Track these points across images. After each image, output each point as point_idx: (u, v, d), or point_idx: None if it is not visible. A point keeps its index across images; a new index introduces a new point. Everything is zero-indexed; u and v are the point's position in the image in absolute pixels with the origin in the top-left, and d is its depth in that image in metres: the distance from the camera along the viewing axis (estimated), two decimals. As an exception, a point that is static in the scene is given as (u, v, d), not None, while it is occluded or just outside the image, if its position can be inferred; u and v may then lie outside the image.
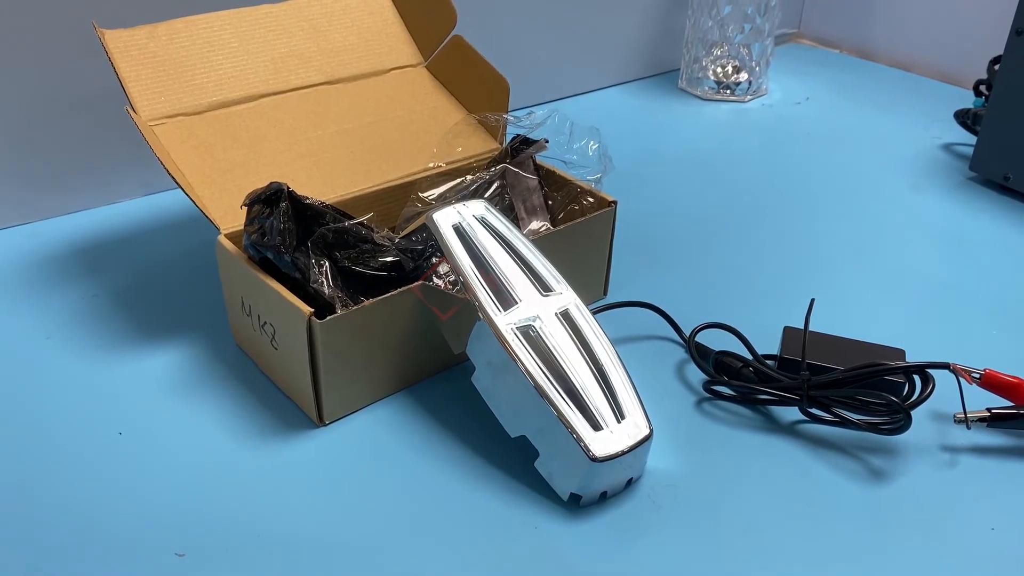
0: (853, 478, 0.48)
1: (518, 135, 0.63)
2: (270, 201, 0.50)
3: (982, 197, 0.79)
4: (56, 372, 0.55)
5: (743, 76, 0.99)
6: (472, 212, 0.52)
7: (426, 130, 0.67)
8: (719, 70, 0.99)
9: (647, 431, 0.46)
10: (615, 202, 0.60)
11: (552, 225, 0.61)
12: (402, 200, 0.61)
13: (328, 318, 0.46)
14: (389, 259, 0.53)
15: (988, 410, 0.50)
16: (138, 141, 0.55)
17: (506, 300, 0.48)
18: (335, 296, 0.50)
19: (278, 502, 0.46)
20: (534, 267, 0.51)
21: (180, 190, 0.53)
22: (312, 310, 0.46)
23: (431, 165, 0.62)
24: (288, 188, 0.50)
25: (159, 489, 0.46)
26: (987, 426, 0.50)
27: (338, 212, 0.53)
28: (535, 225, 0.61)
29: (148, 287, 0.63)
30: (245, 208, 0.51)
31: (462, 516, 0.45)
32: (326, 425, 0.51)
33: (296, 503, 0.46)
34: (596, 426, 0.45)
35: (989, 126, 0.79)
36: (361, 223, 0.53)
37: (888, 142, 0.90)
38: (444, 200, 0.58)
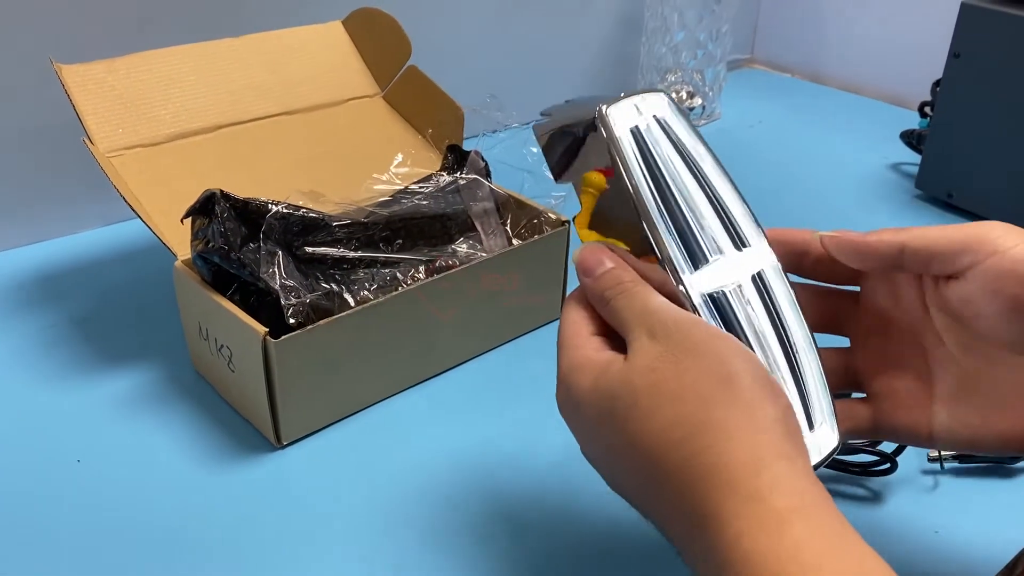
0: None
1: (452, 145, 0.64)
2: (207, 210, 0.50)
3: (928, 214, 0.82)
4: (14, 400, 0.55)
5: (697, 101, 1.02)
6: (653, 111, 0.38)
7: (383, 157, 0.68)
8: (674, 95, 1.02)
9: (835, 443, 0.36)
10: (568, 221, 0.61)
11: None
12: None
13: (283, 337, 0.47)
14: (342, 235, 0.52)
15: None
16: (97, 173, 0.56)
17: (695, 254, 0.36)
18: (283, 287, 0.49)
19: (235, 523, 0.46)
20: (729, 206, 0.38)
21: (138, 220, 0.54)
22: (267, 330, 0.47)
23: (383, 178, 0.63)
24: (222, 191, 0.51)
25: (118, 515, 0.47)
26: (959, 463, 0.50)
27: (286, 206, 0.53)
28: (494, 244, 0.62)
29: (107, 315, 0.64)
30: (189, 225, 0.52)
31: (422, 538, 0.46)
32: (284, 447, 0.51)
33: (252, 524, 0.46)
34: None
35: (932, 146, 0.82)
36: (308, 208, 0.53)
37: (838, 163, 0.93)
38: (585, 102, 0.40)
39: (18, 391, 0.56)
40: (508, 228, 0.63)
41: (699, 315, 0.35)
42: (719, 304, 0.36)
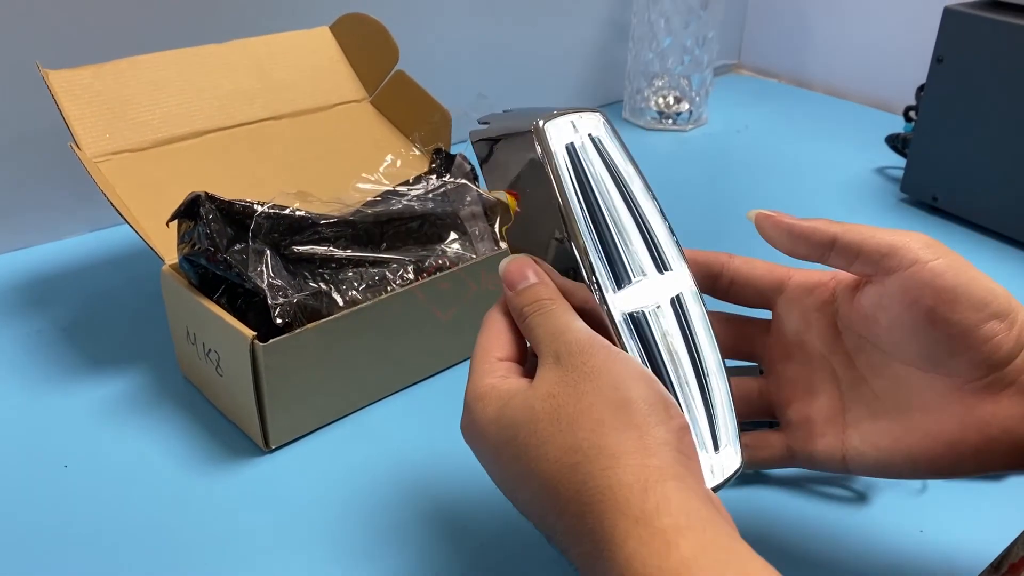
0: (828, 509, 0.50)
1: (439, 148, 0.64)
2: (193, 213, 0.50)
3: (913, 217, 0.82)
4: (1, 406, 0.55)
5: (684, 106, 1.02)
6: (589, 130, 0.39)
7: (371, 162, 0.68)
8: (661, 101, 1.03)
9: (738, 464, 0.37)
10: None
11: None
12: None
13: (271, 341, 0.47)
14: (331, 233, 0.53)
15: None
16: (83, 178, 0.56)
17: (620, 273, 0.37)
18: (270, 286, 0.49)
19: (223, 527, 0.46)
20: (654, 229, 0.39)
21: (126, 225, 0.54)
22: (255, 333, 0.47)
23: (371, 178, 0.63)
24: (207, 193, 0.51)
25: (106, 520, 0.46)
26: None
27: (272, 206, 0.53)
28: (483, 247, 0.62)
29: (94, 321, 0.63)
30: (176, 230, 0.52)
31: (411, 541, 0.46)
32: (272, 451, 0.51)
33: (240, 528, 0.46)
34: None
35: (916, 150, 0.83)
36: (295, 209, 0.53)
37: (824, 167, 0.93)
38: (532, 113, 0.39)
39: (6, 396, 0.56)
40: (496, 231, 0.63)
41: (619, 332, 0.36)
42: (638, 324, 0.36)
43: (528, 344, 0.38)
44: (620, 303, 0.36)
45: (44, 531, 0.46)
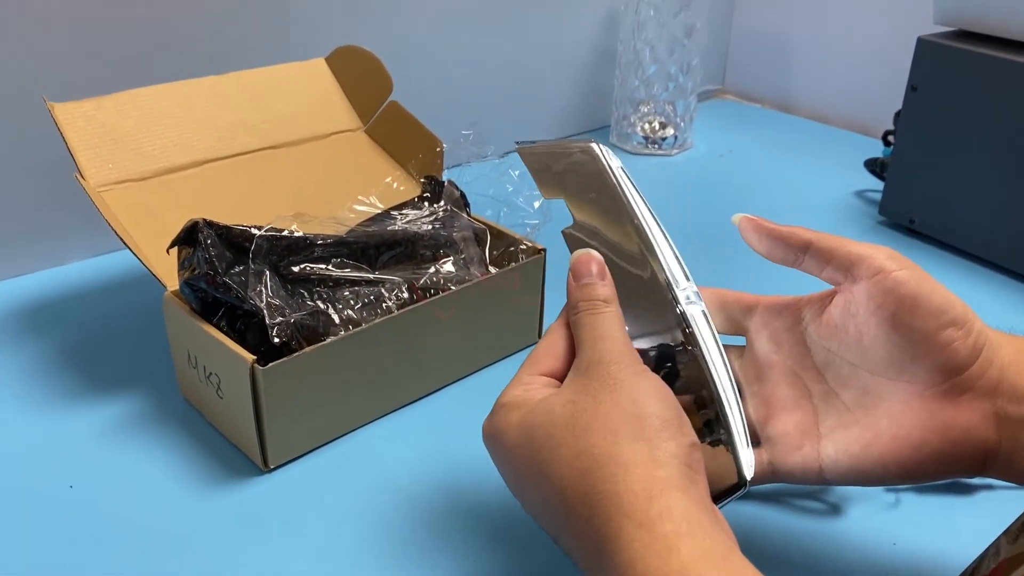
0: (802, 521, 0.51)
1: (430, 175, 0.67)
2: (191, 239, 0.52)
3: (891, 240, 0.85)
4: (5, 430, 0.56)
5: (669, 131, 1.05)
6: (615, 162, 0.45)
7: (365, 190, 0.70)
8: (646, 126, 1.05)
9: (734, 480, 0.39)
10: (544, 249, 0.64)
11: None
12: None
13: (271, 364, 0.49)
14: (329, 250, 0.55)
15: None
16: (86, 206, 0.58)
17: (678, 275, 0.42)
18: (268, 306, 0.51)
19: (223, 547, 0.48)
20: (673, 247, 0.43)
21: (127, 251, 0.56)
22: (255, 357, 0.49)
23: (366, 200, 0.65)
24: (205, 219, 0.53)
25: (110, 539, 0.48)
26: (916, 491, 0.52)
27: (269, 229, 0.55)
28: (475, 271, 0.64)
29: (96, 345, 0.65)
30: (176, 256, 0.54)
31: (410, 560, 0.48)
32: (271, 471, 0.53)
33: (240, 547, 0.48)
34: None
35: (894, 174, 0.85)
36: (292, 231, 0.56)
37: (806, 189, 0.96)
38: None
39: (10, 420, 0.57)
40: (486, 255, 0.65)
41: (689, 323, 0.40)
42: (687, 324, 0.40)
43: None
44: (682, 299, 0.41)
45: (51, 550, 0.47)
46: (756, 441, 0.44)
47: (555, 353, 0.40)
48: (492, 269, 0.64)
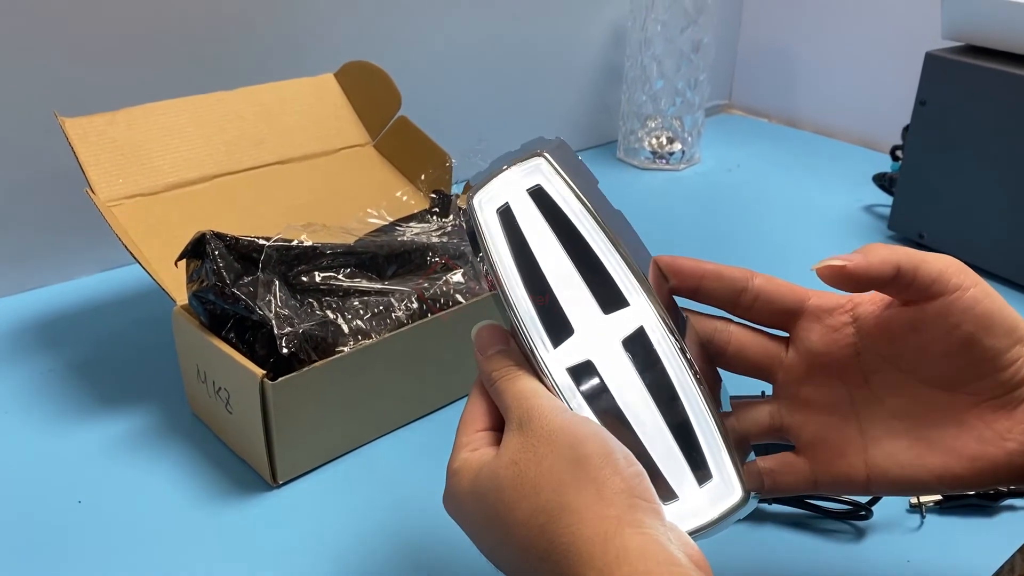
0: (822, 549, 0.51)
1: (438, 189, 0.67)
2: (199, 252, 0.52)
3: (900, 253, 0.85)
4: (14, 444, 0.56)
5: (677, 146, 1.05)
6: (526, 183, 0.39)
7: (375, 203, 0.70)
8: (654, 141, 1.05)
9: (739, 496, 0.36)
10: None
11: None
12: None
13: (280, 379, 0.49)
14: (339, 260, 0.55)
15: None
16: (96, 220, 0.58)
17: (559, 329, 0.37)
18: (277, 316, 0.51)
19: (232, 562, 0.48)
20: (607, 268, 0.38)
21: (137, 266, 0.56)
22: (264, 372, 0.49)
23: (375, 212, 0.65)
24: (213, 231, 0.53)
25: (119, 554, 0.48)
26: (940, 509, 0.52)
27: (278, 239, 0.55)
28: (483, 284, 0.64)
29: (105, 360, 0.65)
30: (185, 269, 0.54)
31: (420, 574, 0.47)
32: (280, 486, 0.53)
33: (249, 562, 0.48)
34: (665, 497, 0.36)
35: (902, 189, 0.85)
36: (301, 240, 0.56)
37: (814, 204, 0.96)
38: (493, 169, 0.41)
39: (20, 435, 0.57)
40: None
41: (559, 392, 0.37)
42: (584, 374, 0.37)
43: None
44: (560, 360, 0.37)
45: (61, 564, 0.47)
46: (790, 446, 0.42)
47: (485, 410, 0.39)
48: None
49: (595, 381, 0.37)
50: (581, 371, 0.37)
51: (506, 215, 0.38)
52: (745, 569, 0.32)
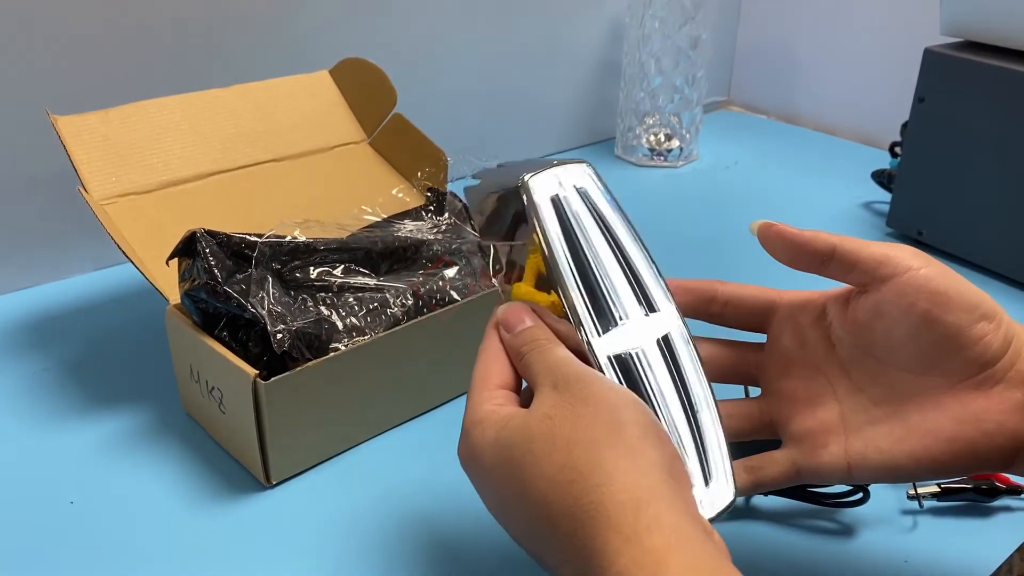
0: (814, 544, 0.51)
1: (432, 187, 0.66)
2: (191, 250, 0.52)
3: (899, 250, 0.84)
4: (6, 443, 0.56)
5: (675, 143, 1.04)
6: (575, 182, 0.41)
7: (370, 201, 0.70)
8: (652, 138, 1.05)
9: (730, 497, 0.38)
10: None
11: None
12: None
13: (273, 379, 0.49)
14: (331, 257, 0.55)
15: (938, 485, 0.52)
16: (89, 219, 0.57)
17: (606, 318, 0.39)
18: (270, 313, 0.51)
19: (225, 562, 0.47)
20: (640, 271, 0.40)
21: (130, 265, 0.56)
22: (257, 372, 0.49)
23: (368, 209, 0.65)
24: (204, 230, 0.52)
25: (111, 555, 0.48)
26: (938, 501, 0.52)
27: (272, 235, 0.55)
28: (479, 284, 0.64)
29: (98, 359, 0.65)
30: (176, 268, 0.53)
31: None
32: (273, 486, 0.52)
33: (242, 563, 0.47)
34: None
35: (901, 185, 0.85)
36: (294, 236, 0.55)
37: (813, 201, 0.95)
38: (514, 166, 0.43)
39: (11, 434, 0.57)
40: (491, 270, 0.65)
41: (604, 374, 0.37)
42: (624, 365, 0.38)
43: (524, 382, 0.39)
44: (605, 346, 0.38)
45: (52, 565, 0.47)
46: (778, 442, 0.43)
47: (501, 367, 0.39)
48: (495, 281, 0.64)
49: (634, 372, 0.38)
50: (623, 361, 0.38)
51: (557, 203, 0.40)
52: (741, 569, 0.32)
